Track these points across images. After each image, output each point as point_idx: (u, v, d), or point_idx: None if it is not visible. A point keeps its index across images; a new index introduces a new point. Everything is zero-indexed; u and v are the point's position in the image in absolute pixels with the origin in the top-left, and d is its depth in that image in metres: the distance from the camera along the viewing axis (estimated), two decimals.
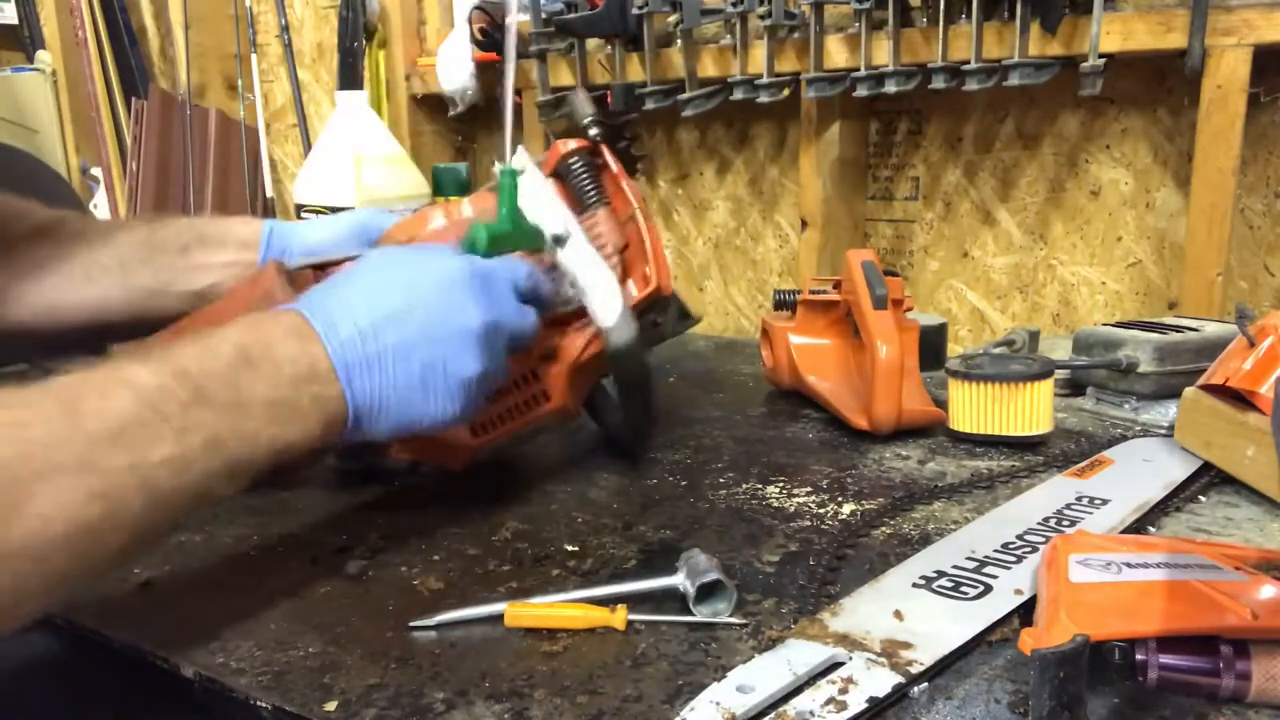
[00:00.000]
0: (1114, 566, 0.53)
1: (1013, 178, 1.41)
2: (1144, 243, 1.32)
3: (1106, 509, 0.70)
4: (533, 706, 0.49)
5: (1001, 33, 1.21)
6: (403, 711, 0.50)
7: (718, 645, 0.55)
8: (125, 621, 0.61)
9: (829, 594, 0.61)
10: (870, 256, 0.97)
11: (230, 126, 2.19)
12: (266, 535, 0.74)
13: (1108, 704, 0.48)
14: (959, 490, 0.79)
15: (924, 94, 1.32)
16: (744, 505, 0.77)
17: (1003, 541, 0.65)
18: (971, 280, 1.48)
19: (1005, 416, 0.89)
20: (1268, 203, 1.23)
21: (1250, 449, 0.74)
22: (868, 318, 0.92)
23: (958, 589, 0.58)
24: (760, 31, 1.39)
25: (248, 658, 0.56)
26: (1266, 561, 0.56)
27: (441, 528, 0.74)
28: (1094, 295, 1.37)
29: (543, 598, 0.60)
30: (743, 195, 1.67)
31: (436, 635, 0.58)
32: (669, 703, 0.49)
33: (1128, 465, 0.80)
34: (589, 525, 0.74)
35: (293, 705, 0.51)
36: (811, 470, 0.85)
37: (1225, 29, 1.09)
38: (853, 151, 1.50)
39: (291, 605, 0.63)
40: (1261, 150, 1.22)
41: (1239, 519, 0.72)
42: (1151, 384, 0.95)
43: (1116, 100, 1.30)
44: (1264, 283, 1.25)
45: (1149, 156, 1.30)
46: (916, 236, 1.52)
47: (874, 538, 0.70)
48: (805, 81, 1.36)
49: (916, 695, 0.49)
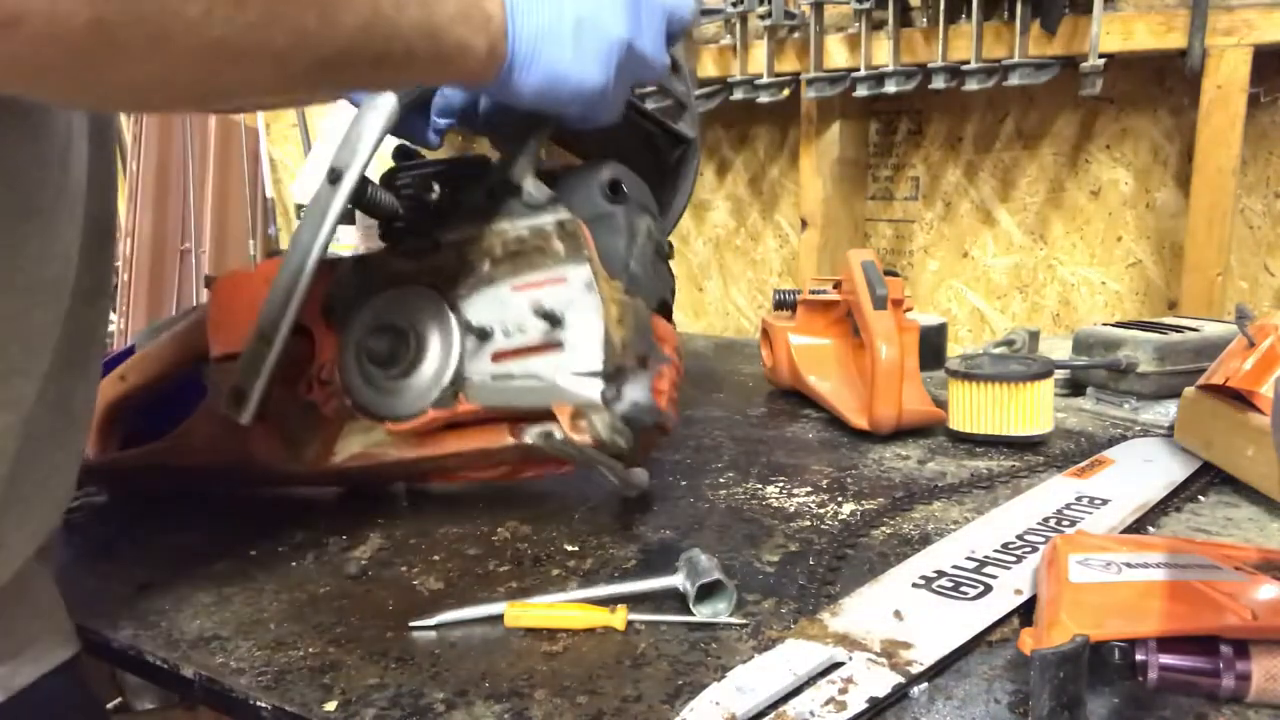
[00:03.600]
0: (1114, 566, 0.53)
1: (1013, 178, 1.41)
2: (1144, 243, 1.32)
3: (1106, 509, 0.70)
4: (533, 706, 0.49)
5: (1001, 33, 1.21)
6: (403, 711, 0.50)
7: (718, 645, 0.55)
8: (125, 621, 0.61)
9: (829, 594, 0.61)
10: (870, 256, 0.97)
11: (230, 126, 2.19)
12: (267, 535, 0.74)
13: (1108, 704, 0.48)
14: (959, 490, 0.79)
15: (924, 94, 1.32)
16: (744, 505, 0.77)
17: (1003, 541, 0.65)
18: (971, 280, 1.48)
19: (1005, 416, 0.89)
20: (1268, 203, 1.23)
21: (1250, 449, 0.74)
22: (868, 318, 0.92)
23: (958, 589, 0.58)
24: (760, 31, 1.39)
25: (248, 658, 0.56)
26: (1266, 561, 0.56)
27: (441, 528, 0.74)
28: (1094, 295, 1.37)
29: (543, 598, 0.60)
30: (743, 195, 1.67)
31: (436, 635, 0.58)
32: (669, 703, 0.49)
33: (1128, 465, 0.80)
34: (589, 525, 0.74)
35: (293, 705, 0.51)
36: (811, 470, 0.85)
37: (1225, 29, 1.09)
38: (853, 151, 1.50)
39: (291, 605, 0.63)
40: (1261, 150, 1.22)
41: (1239, 519, 0.72)
42: (1151, 384, 0.95)
43: (1116, 100, 1.30)
44: (1264, 283, 1.25)
45: (1149, 156, 1.30)
46: (916, 236, 1.52)
47: (874, 538, 0.70)
48: (805, 81, 1.36)
49: (916, 695, 0.49)
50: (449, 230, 0.70)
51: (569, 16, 0.58)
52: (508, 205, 0.69)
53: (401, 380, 0.70)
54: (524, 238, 0.68)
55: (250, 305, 0.69)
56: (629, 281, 0.66)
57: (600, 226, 0.68)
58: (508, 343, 0.68)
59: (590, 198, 0.68)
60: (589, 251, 0.66)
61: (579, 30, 0.58)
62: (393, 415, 0.71)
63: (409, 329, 0.70)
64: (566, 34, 0.58)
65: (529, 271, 0.68)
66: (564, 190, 0.69)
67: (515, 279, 0.68)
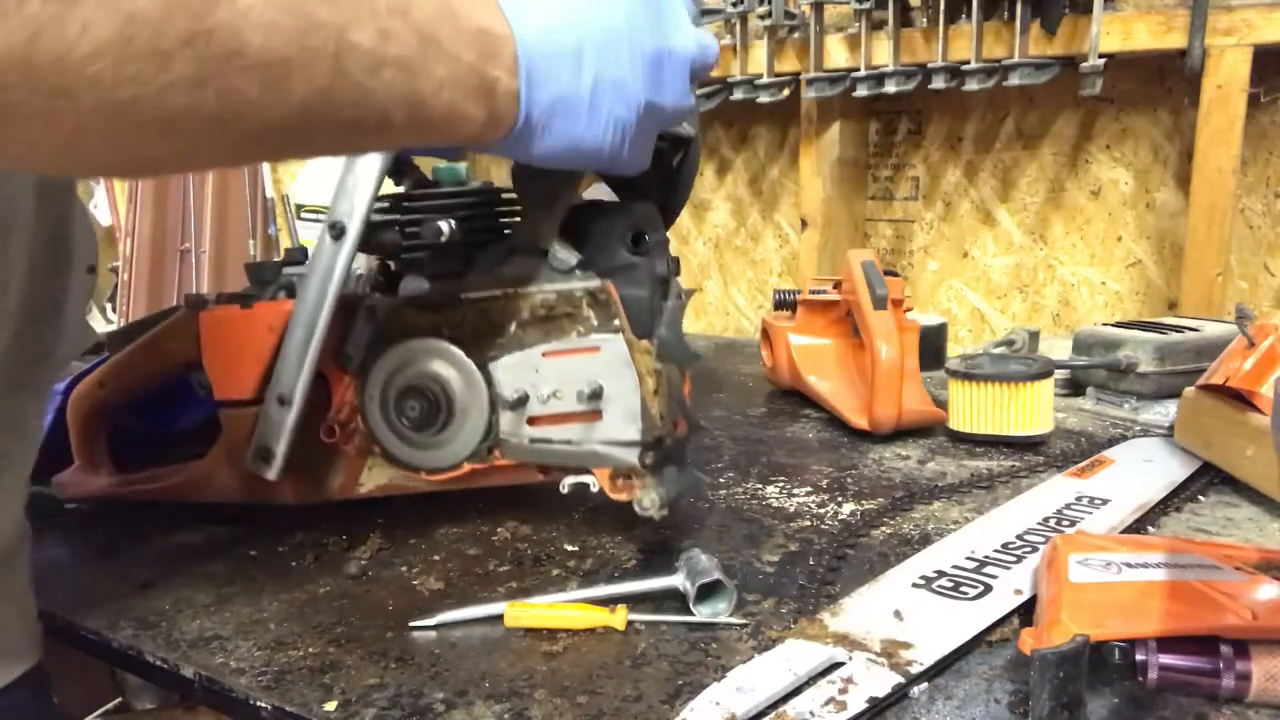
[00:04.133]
0: (1114, 566, 0.53)
1: (1013, 178, 1.41)
2: (1144, 243, 1.32)
3: (1106, 509, 0.70)
4: (533, 706, 0.49)
5: (1001, 33, 1.21)
6: (403, 711, 0.50)
7: (718, 645, 0.55)
8: (125, 621, 0.61)
9: (829, 594, 0.61)
10: (870, 256, 0.97)
11: None
12: (267, 535, 0.74)
13: (1108, 704, 0.48)
14: (959, 490, 0.79)
15: (924, 94, 1.32)
16: (744, 505, 0.77)
17: (1003, 541, 0.65)
18: (971, 280, 1.48)
19: (1005, 416, 0.89)
20: (1268, 203, 1.23)
21: (1250, 449, 0.74)
22: (868, 318, 0.92)
23: (957, 589, 0.58)
24: (760, 31, 1.39)
25: (248, 658, 0.56)
26: (1266, 561, 0.56)
27: (441, 528, 0.74)
28: (1094, 295, 1.37)
29: (543, 598, 0.60)
30: (743, 195, 1.67)
31: (436, 635, 0.58)
32: (669, 703, 0.49)
33: (1128, 465, 0.80)
34: (589, 525, 0.74)
35: (293, 705, 0.51)
36: (811, 470, 0.85)
37: (1225, 29, 1.09)
38: (853, 151, 1.50)
39: (291, 605, 0.63)
40: (1261, 150, 1.22)
41: (1239, 519, 0.72)
42: (1151, 384, 0.95)
43: (1116, 100, 1.30)
44: (1264, 283, 1.25)
45: (1149, 156, 1.30)
46: (916, 236, 1.52)
47: (874, 538, 0.70)
48: (805, 81, 1.36)
49: (916, 695, 0.49)
50: (470, 287, 0.68)
51: (587, 81, 0.53)
52: (533, 266, 0.67)
53: (434, 438, 0.70)
54: (552, 303, 0.66)
55: (254, 355, 0.68)
56: (660, 346, 0.65)
57: (624, 278, 0.67)
58: (543, 409, 0.67)
59: (613, 249, 0.67)
60: (621, 321, 0.65)
61: (597, 96, 0.53)
62: (426, 467, 0.71)
63: (440, 393, 0.68)
64: (584, 101, 0.53)
65: (560, 337, 0.66)
66: (585, 240, 0.68)
67: (546, 344, 0.67)
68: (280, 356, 0.66)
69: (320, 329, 0.65)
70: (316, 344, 0.65)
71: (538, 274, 0.67)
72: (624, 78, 0.54)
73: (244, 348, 0.70)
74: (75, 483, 0.81)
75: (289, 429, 0.66)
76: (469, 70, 0.48)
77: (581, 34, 0.52)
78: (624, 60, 0.53)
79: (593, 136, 0.54)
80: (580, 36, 0.52)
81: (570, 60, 0.52)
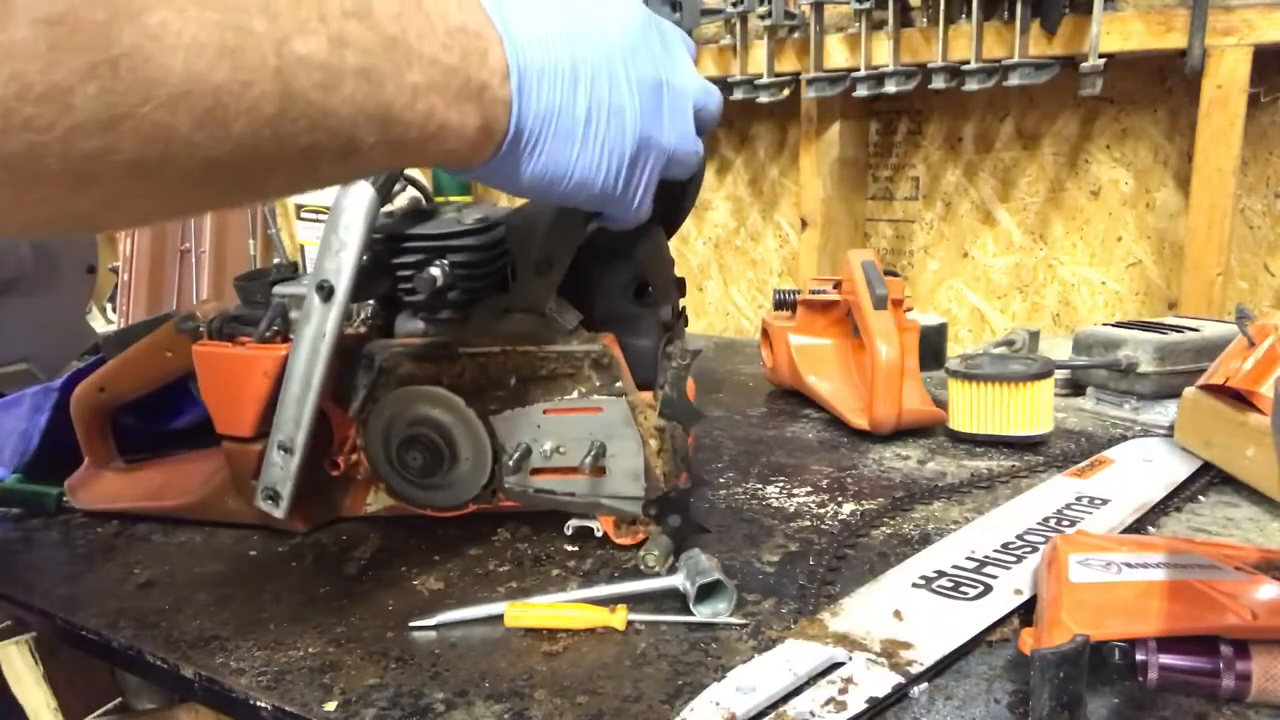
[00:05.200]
0: (1114, 566, 0.53)
1: (1013, 178, 1.41)
2: (1144, 243, 1.32)
3: (1106, 509, 0.70)
4: (533, 706, 0.49)
5: (1001, 33, 1.21)
6: (403, 711, 0.50)
7: (718, 645, 0.55)
8: (125, 621, 0.61)
9: (829, 594, 0.61)
10: (870, 256, 0.97)
11: None
12: (266, 535, 0.74)
13: (1108, 704, 0.48)
14: (959, 490, 0.79)
15: (924, 94, 1.32)
16: (744, 505, 0.77)
17: (1003, 541, 0.65)
18: (971, 280, 1.48)
19: (1005, 416, 0.89)
20: (1268, 203, 1.23)
21: (1250, 449, 0.74)
22: (868, 318, 0.92)
23: (957, 589, 0.58)
24: (760, 31, 1.39)
25: (248, 658, 0.56)
26: (1266, 561, 0.56)
27: (441, 528, 0.74)
28: (1094, 295, 1.37)
29: (543, 598, 0.60)
30: (743, 195, 1.67)
31: (436, 635, 0.58)
32: (669, 703, 0.49)
33: (1128, 465, 0.80)
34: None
35: (293, 705, 0.51)
36: (811, 470, 0.85)
37: (1225, 29, 1.09)
38: (853, 151, 1.50)
39: (291, 605, 0.63)
40: (1261, 150, 1.22)
41: (1239, 519, 0.72)
42: (1151, 384, 0.95)
43: (1116, 100, 1.30)
44: (1264, 283, 1.25)
45: (1149, 156, 1.30)
46: (916, 236, 1.52)
47: (874, 538, 0.70)
48: (805, 81, 1.36)
49: (916, 695, 0.49)
50: (468, 341, 0.67)
51: (582, 99, 0.49)
52: (532, 323, 0.67)
53: (438, 481, 0.70)
54: (553, 365, 0.66)
55: (251, 397, 0.68)
56: (664, 406, 0.64)
57: (626, 329, 0.67)
58: (546, 463, 0.67)
59: (616, 301, 0.67)
60: (625, 383, 0.65)
61: (591, 118, 0.49)
62: (431, 506, 0.72)
63: (442, 444, 0.68)
64: (578, 120, 0.49)
65: (561, 395, 0.66)
66: (586, 289, 0.67)
67: (547, 402, 0.67)
68: (279, 404, 0.65)
69: (316, 384, 0.64)
70: (314, 397, 0.64)
71: (537, 333, 0.67)
72: (621, 104, 0.50)
73: (240, 390, 0.69)
74: (88, 490, 0.82)
75: (294, 474, 0.66)
76: (449, 73, 0.43)
77: (578, 50, 0.49)
78: (621, 85, 0.50)
79: (585, 164, 0.50)
80: (577, 53, 0.49)
81: (566, 75, 0.48)
